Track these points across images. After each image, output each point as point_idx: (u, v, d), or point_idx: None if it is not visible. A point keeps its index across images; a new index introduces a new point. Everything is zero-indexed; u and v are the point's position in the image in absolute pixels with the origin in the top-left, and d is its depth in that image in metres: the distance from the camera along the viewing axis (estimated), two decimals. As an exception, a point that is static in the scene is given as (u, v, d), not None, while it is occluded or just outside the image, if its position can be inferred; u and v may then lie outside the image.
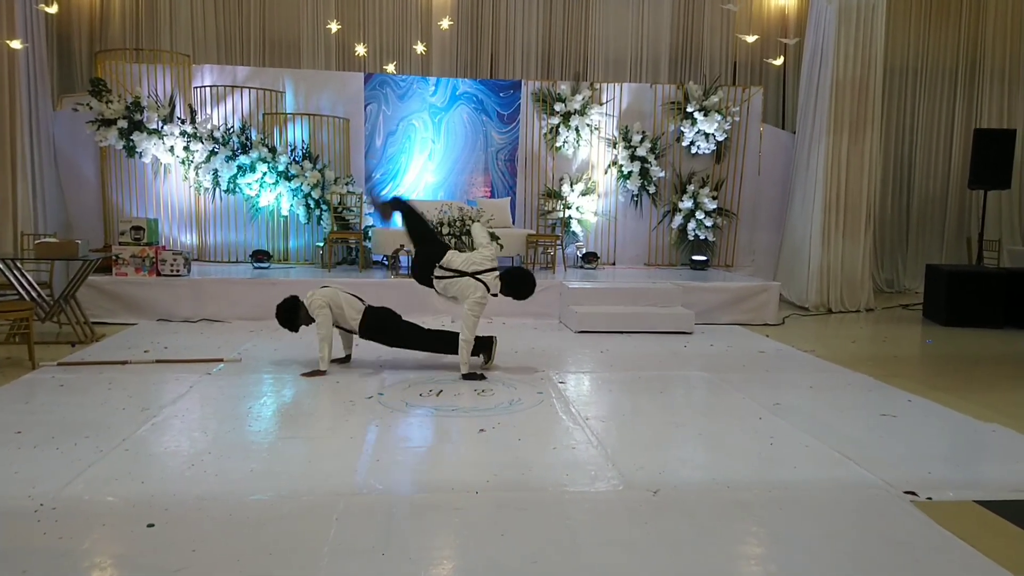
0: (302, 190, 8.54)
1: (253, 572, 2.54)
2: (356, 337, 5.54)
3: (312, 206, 8.63)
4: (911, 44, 10.78)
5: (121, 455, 3.61)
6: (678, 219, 9.63)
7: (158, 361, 5.57)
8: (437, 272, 5.23)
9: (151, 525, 2.86)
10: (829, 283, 8.97)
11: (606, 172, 9.74)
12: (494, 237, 7.93)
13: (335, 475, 3.42)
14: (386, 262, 8.36)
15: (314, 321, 5.28)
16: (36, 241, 6.51)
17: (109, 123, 8.23)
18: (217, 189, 8.66)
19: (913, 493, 3.32)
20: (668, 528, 2.96)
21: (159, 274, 7.43)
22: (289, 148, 8.76)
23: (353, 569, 2.58)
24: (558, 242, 9.15)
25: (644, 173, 9.53)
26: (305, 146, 8.82)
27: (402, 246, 7.91)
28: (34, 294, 6.13)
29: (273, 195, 8.63)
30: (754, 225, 10.05)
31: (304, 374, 5.22)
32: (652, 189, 9.64)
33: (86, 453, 3.60)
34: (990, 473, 3.72)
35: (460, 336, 5.17)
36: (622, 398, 4.93)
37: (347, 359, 5.65)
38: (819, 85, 9.03)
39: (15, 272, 6.04)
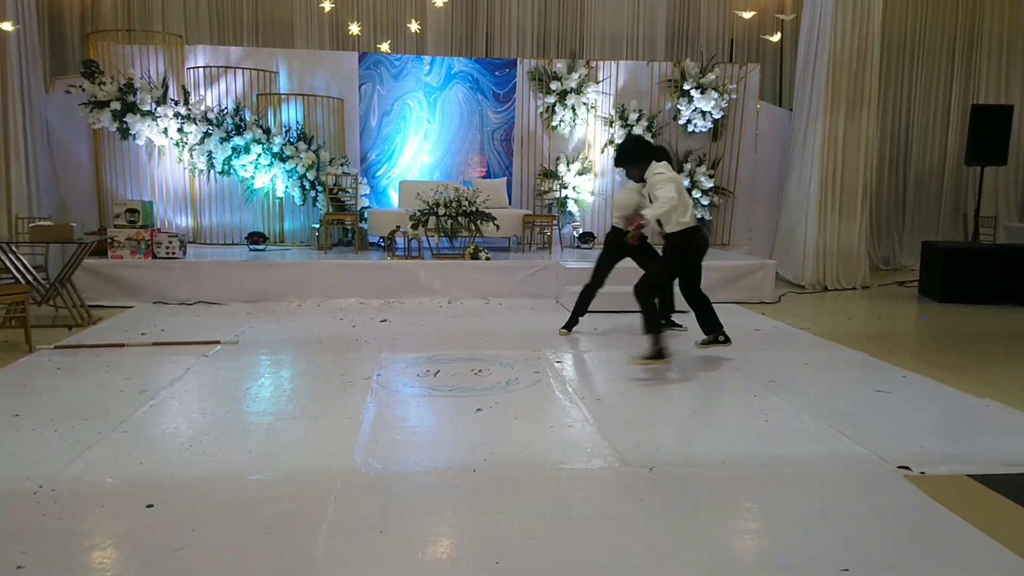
0: (297, 171, 8.51)
1: (252, 551, 2.57)
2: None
3: (307, 187, 8.59)
4: (908, 20, 10.70)
5: (120, 437, 3.62)
6: (675, 198, 9.58)
7: (155, 344, 5.57)
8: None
9: (150, 506, 2.88)
10: (825, 261, 8.97)
11: (603, 151, 9.69)
12: (490, 218, 7.94)
13: (333, 455, 3.44)
14: (382, 243, 8.34)
15: None
16: (31, 224, 6.49)
17: (102, 105, 8.17)
18: (212, 171, 8.62)
19: (907, 468, 3.35)
20: (664, 504, 2.99)
21: (155, 257, 7.41)
22: (283, 129, 8.71)
23: (351, 547, 2.60)
24: (555, 222, 9.13)
25: (640, 152, 9.48)
26: (299, 127, 8.77)
27: (398, 227, 7.90)
28: (30, 277, 6.12)
29: (268, 177, 8.59)
30: (751, 203, 10.03)
31: None
32: (648, 168, 9.59)
33: (85, 435, 3.61)
34: (983, 448, 3.75)
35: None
36: (618, 377, 4.95)
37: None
38: (816, 62, 8.98)
39: (10, 255, 6.03)
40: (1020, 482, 3.22)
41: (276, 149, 8.48)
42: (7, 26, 7.60)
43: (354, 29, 9.80)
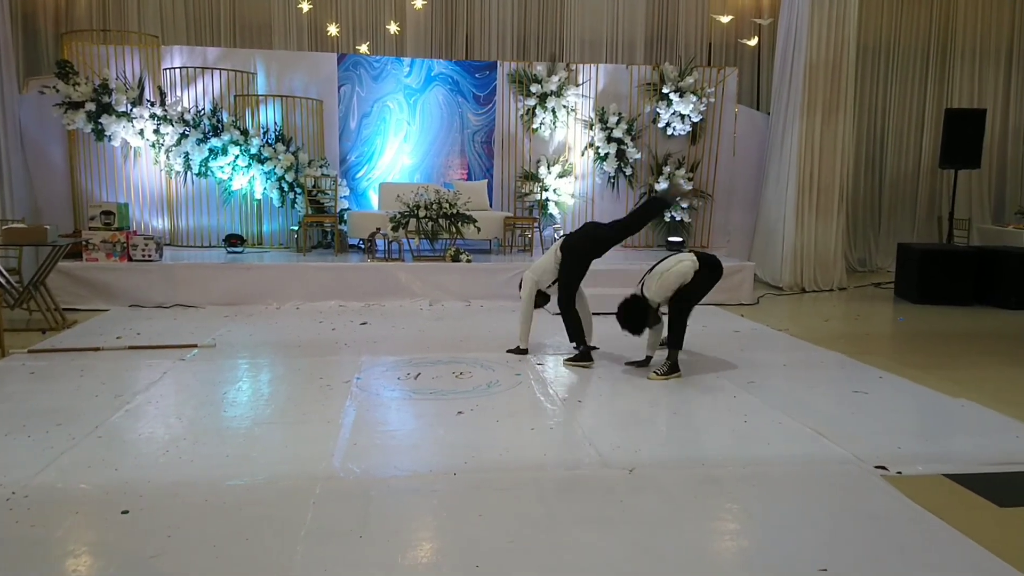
0: (275, 173, 8.44)
1: (229, 557, 2.54)
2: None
3: (286, 189, 8.53)
4: (884, 24, 10.84)
5: (94, 442, 3.57)
6: (654, 200, 9.64)
7: (131, 347, 5.50)
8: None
9: (125, 512, 2.84)
10: (803, 263, 9.05)
11: (583, 154, 9.72)
12: (471, 220, 7.94)
13: (312, 459, 3.41)
14: (362, 246, 8.30)
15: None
16: (4, 227, 6.38)
17: (77, 106, 8.06)
18: (188, 173, 8.53)
19: (884, 468, 3.38)
20: (644, 505, 2.99)
21: (130, 259, 7.32)
22: (261, 130, 8.64)
23: (330, 552, 2.58)
24: (535, 224, 9.14)
25: (620, 155, 9.53)
26: (278, 128, 8.71)
27: (378, 229, 7.86)
28: (3, 280, 6.02)
29: (246, 178, 8.52)
30: (729, 206, 10.10)
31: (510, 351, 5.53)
32: (628, 171, 9.64)
33: (58, 440, 3.56)
34: (959, 447, 3.79)
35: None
36: (599, 379, 4.96)
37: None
38: (793, 66, 9.06)
39: (-18, 259, 5.93)
40: (996, 481, 3.27)
41: (254, 151, 8.41)
42: (-21, 25, 7.49)
43: (332, 30, 9.75)
